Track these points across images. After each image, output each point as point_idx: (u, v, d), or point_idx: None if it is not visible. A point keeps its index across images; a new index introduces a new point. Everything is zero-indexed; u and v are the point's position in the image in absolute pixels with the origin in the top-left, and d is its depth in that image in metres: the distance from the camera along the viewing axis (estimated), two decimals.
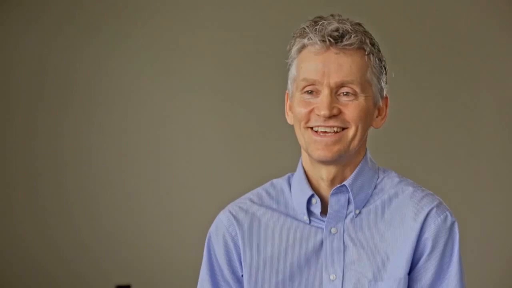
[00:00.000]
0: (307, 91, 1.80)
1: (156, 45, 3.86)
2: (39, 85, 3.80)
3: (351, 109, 1.79)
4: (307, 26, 1.79)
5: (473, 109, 4.01)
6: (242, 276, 1.86)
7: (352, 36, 1.77)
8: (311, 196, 1.84)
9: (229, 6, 3.90)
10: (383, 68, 1.83)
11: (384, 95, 1.86)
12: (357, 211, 1.83)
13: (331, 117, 1.77)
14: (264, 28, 3.85)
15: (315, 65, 1.78)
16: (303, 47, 1.81)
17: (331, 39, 1.77)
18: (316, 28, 1.78)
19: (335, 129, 1.78)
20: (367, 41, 1.80)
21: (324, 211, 1.84)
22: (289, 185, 1.89)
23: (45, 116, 3.80)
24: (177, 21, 3.88)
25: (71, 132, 3.83)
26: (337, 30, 1.77)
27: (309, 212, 1.84)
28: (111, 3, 3.83)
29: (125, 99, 3.87)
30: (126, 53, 3.85)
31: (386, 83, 1.85)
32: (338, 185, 1.82)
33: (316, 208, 1.84)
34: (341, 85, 1.78)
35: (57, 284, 3.83)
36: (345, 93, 1.79)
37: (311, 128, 1.80)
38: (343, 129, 1.79)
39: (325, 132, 1.78)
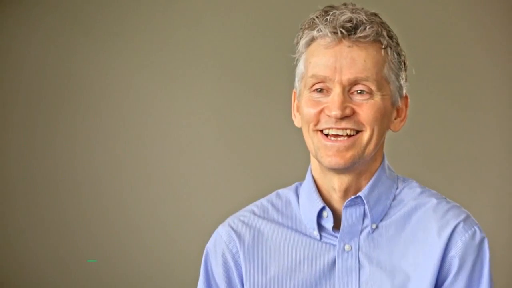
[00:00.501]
0: (317, 89, 1.70)
1: (159, 49, 3.83)
2: (38, 87, 3.80)
3: (365, 109, 1.68)
4: (317, 17, 1.69)
5: (507, 112, 3.85)
6: None
7: (367, 27, 1.67)
8: (322, 209, 1.74)
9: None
10: (402, 63, 1.73)
11: (404, 94, 1.76)
12: (374, 226, 1.73)
13: (343, 118, 1.67)
14: (269, 21, 3.77)
15: (325, 60, 1.68)
16: (312, 40, 1.71)
17: (344, 31, 1.66)
18: (327, 19, 1.67)
19: (348, 131, 1.68)
20: (384, 33, 1.70)
21: (336, 226, 1.74)
22: (297, 196, 1.81)
23: (45, 118, 3.80)
24: (182, 26, 3.83)
25: (66, 139, 3.81)
26: (350, 20, 1.67)
27: (320, 227, 1.75)
28: (110, 5, 3.83)
29: (125, 104, 3.83)
30: (128, 59, 3.82)
31: (405, 81, 1.75)
32: (352, 196, 1.72)
33: (328, 222, 1.74)
34: (355, 82, 1.68)
35: None
36: (359, 91, 1.69)
37: (321, 131, 1.70)
38: (357, 132, 1.69)
39: (337, 135, 1.68)
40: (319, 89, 1.70)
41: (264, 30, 3.76)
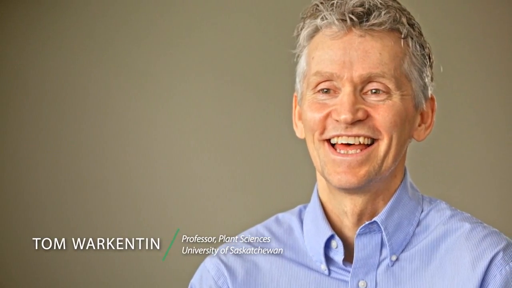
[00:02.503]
0: (322, 90, 1.56)
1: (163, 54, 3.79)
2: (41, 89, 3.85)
3: (382, 111, 1.54)
4: (321, 2, 1.57)
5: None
6: None
7: (383, 12, 1.54)
8: (331, 237, 1.61)
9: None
10: (427, 57, 1.59)
11: (429, 96, 1.61)
12: (394, 258, 1.60)
13: (355, 123, 1.53)
14: (265, 10, 3.72)
15: (332, 54, 1.55)
16: (316, 30, 1.58)
17: (354, 18, 1.54)
18: (333, 4, 1.55)
19: (361, 139, 1.54)
20: (404, 20, 1.56)
21: (348, 258, 1.62)
22: (301, 221, 1.69)
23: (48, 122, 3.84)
24: (180, 29, 3.82)
25: (71, 142, 3.79)
26: (361, 5, 1.54)
27: (328, 259, 1.62)
28: (109, 9, 3.86)
29: (124, 116, 3.80)
30: (131, 66, 3.81)
31: (431, 80, 1.61)
32: (367, 222, 1.59)
33: (338, 253, 1.61)
34: (368, 79, 1.54)
35: None
36: (373, 90, 1.55)
37: (328, 141, 1.57)
38: (373, 141, 1.56)
39: (347, 145, 1.55)
40: (324, 90, 1.56)
41: (259, 21, 3.70)
